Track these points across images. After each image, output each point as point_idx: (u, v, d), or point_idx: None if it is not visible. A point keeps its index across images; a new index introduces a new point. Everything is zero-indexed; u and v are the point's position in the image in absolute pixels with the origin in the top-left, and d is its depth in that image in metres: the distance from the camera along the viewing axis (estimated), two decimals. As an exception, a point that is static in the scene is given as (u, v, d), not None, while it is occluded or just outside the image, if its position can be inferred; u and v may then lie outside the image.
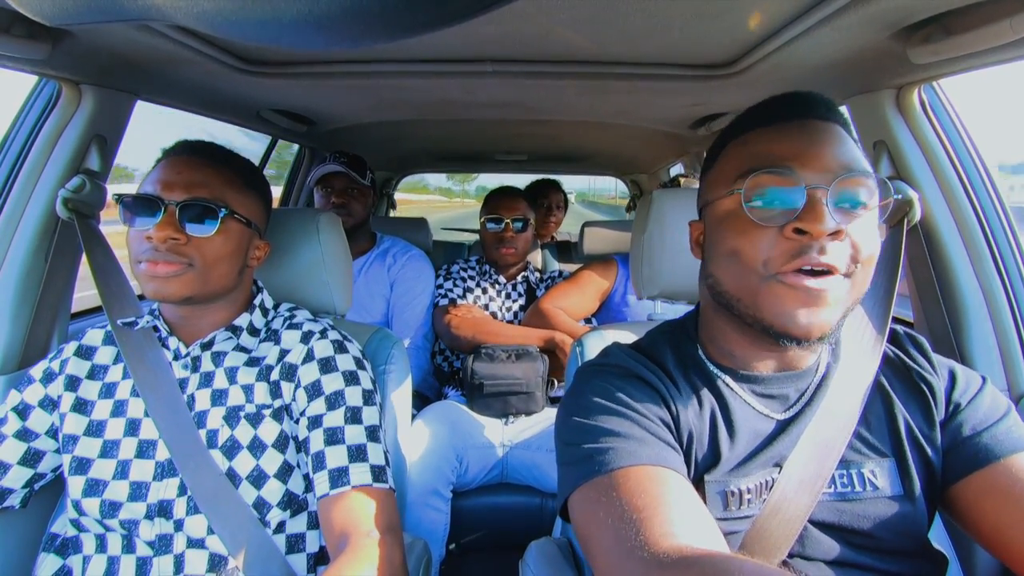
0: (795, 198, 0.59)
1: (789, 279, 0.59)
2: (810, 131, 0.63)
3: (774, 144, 0.63)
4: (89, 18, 0.31)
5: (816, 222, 0.58)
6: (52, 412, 0.88)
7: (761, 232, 0.61)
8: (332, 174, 1.87)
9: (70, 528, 0.86)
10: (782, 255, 0.60)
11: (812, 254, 0.58)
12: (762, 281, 0.61)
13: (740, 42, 0.96)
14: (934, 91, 1.06)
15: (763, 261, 0.61)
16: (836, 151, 0.61)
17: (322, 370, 0.88)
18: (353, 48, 0.25)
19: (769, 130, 0.65)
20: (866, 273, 0.62)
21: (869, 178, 0.61)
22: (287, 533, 0.86)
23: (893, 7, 0.75)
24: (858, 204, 0.60)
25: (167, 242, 0.80)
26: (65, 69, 0.96)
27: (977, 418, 0.66)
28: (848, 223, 0.59)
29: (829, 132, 0.63)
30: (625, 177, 3.42)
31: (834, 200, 0.58)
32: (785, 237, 0.59)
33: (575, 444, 0.63)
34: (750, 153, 0.65)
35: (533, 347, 1.76)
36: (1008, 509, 0.61)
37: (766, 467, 0.66)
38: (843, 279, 0.60)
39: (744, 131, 0.67)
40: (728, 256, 0.64)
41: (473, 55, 1.08)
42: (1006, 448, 0.63)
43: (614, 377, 0.69)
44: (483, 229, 2.02)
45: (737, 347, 0.70)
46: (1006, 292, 1.03)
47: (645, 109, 1.51)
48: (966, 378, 0.70)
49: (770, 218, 0.60)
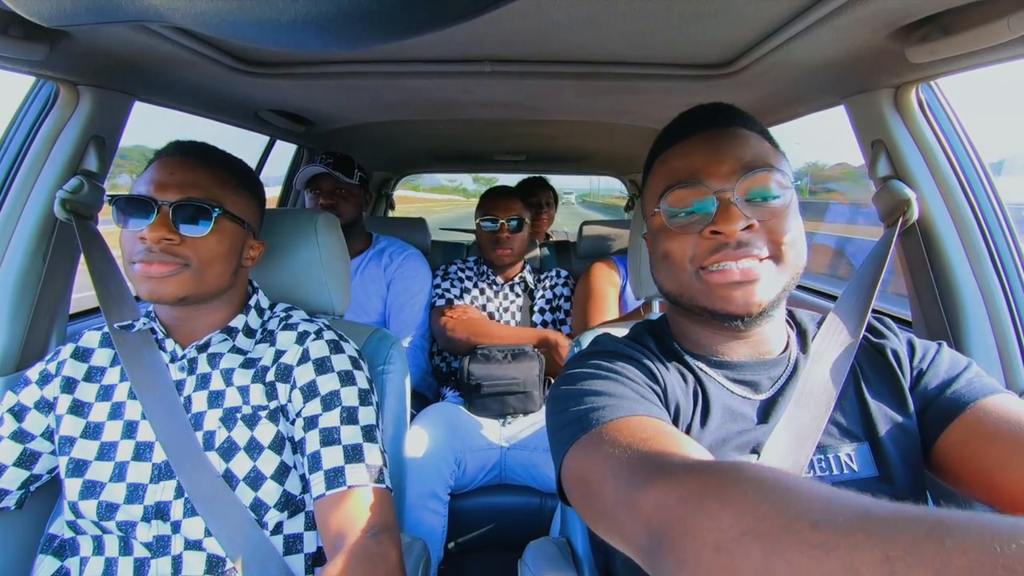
0: (707, 205, 0.67)
1: (715, 274, 0.67)
2: (713, 140, 0.70)
3: (684, 159, 0.71)
4: (86, 19, 0.31)
5: (728, 223, 0.65)
6: (48, 414, 0.88)
7: (686, 236, 0.69)
8: (319, 175, 1.87)
9: (67, 530, 0.85)
10: (703, 252, 0.67)
11: (729, 250, 0.65)
12: (691, 276, 0.69)
13: (738, 42, 0.97)
14: (932, 90, 1.06)
15: (689, 259, 0.69)
16: (739, 152, 0.68)
17: (317, 370, 0.88)
18: (351, 49, 0.25)
19: (681, 146, 0.72)
20: (793, 252, 0.68)
21: (773, 171, 0.67)
22: (284, 534, 0.85)
23: (891, 7, 0.75)
24: (768, 196, 0.67)
25: (161, 243, 0.80)
26: (63, 70, 0.96)
27: (940, 376, 0.71)
28: (761, 215, 0.66)
29: (731, 137, 0.70)
30: (624, 177, 3.43)
31: (743, 198, 0.66)
32: (704, 238, 0.67)
33: (564, 410, 0.64)
34: (667, 170, 0.72)
35: (529, 347, 1.76)
36: (990, 451, 0.63)
37: (743, 452, 0.69)
38: (769, 263, 0.67)
39: (662, 149, 0.75)
40: (662, 260, 0.73)
41: (471, 55, 1.08)
42: (972, 395, 0.67)
43: (603, 358, 0.72)
44: (479, 230, 2.02)
45: (703, 337, 0.75)
46: (1004, 291, 1.03)
47: (644, 109, 1.51)
48: (923, 345, 0.76)
49: (690, 225, 0.68)
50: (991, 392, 0.67)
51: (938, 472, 0.70)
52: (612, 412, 0.60)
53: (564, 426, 0.63)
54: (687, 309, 0.73)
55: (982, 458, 0.63)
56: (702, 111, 0.74)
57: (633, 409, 0.60)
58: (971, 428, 0.65)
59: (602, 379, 0.67)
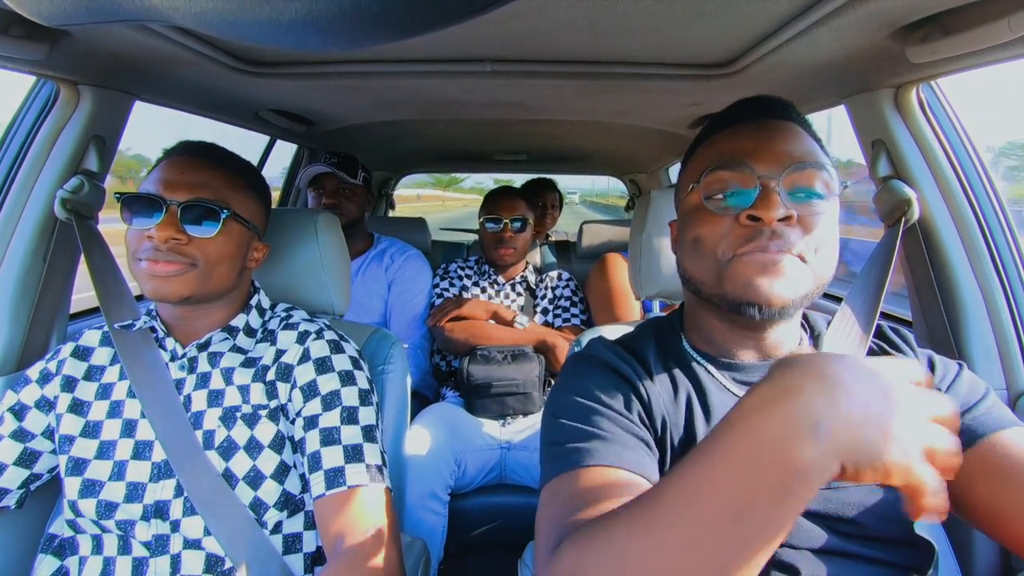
0: (750, 189, 0.65)
1: (745, 258, 0.64)
2: (765, 129, 0.68)
3: (732, 143, 0.69)
4: (87, 18, 0.31)
5: (767, 209, 0.63)
6: (48, 413, 0.88)
7: (720, 220, 0.66)
8: (322, 175, 1.87)
9: (67, 529, 0.85)
10: (737, 239, 0.65)
11: (763, 240, 0.63)
12: (721, 264, 0.66)
13: (738, 42, 0.97)
14: (932, 90, 1.06)
15: (722, 246, 0.66)
16: (789, 146, 0.66)
17: (318, 370, 0.88)
18: (352, 49, 0.25)
19: (729, 131, 0.71)
20: (824, 262, 0.66)
21: (822, 170, 0.65)
22: (284, 533, 0.85)
23: (891, 6, 0.75)
24: (812, 195, 0.65)
25: (168, 242, 0.80)
26: (63, 70, 0.96)
27: (957, 402, 0.68)
28: (801, 211, 0.64)
29: (783, 129, 0.68)
30: (624, 177, 3.43)
31: (787, 190, 0.64)
32: (740, 224, 0.65)
33: (550, 443, 0.67)
34: (712, 153, 0.71)
35: (528, 348, 1.76)
36: (999, 487, 0.62)
37: None
38: (799, 261, 0.64)
39: (711, 134, 0.74)
40: (691, 244, 0.70)
41: (472, 55, 1.08)
42: (988, 427, 0.65)
43: (592, 373, 0.72)
44: (482, 229, 2.02)
45: (717, 333, 0.73)
46: (1004, 291, 1.03)
47: (643, 109, 1.51)
48: (944, 365, 0.73)
49: (727, 208, 0.66)
50: (1006, 426, 0.65)
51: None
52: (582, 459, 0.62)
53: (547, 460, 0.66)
54: (707, 299, 0.71)
55: (991, 494, 0.62)
56: (758, 101, 0.73)
57: (602, 457, 0.61)
58: (981, 463, 0.63)
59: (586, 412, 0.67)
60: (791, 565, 0.63)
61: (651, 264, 1.14)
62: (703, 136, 0.75)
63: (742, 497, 0.43)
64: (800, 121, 0.71)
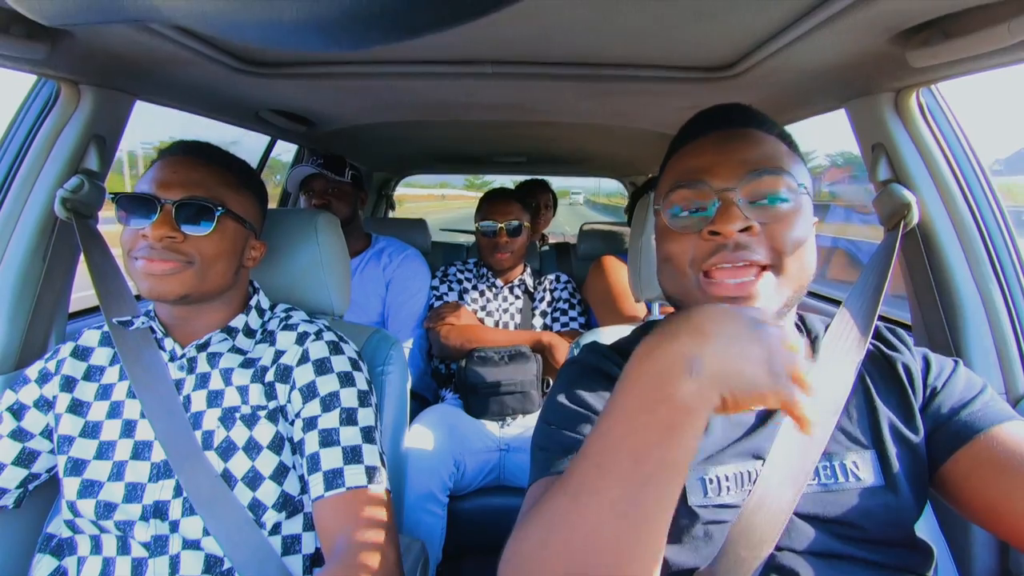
0: (709, 206, 0.65)
1: (715, 279, 0.65)
2: (723, 140, 0.69)
3: (692, 159, 0.70)
4: (88, 18, 0.31)
5: (725, 223, 0.63)
6: (47, 412, 0.88)
7: (685, 238, 0.68)
8: (311, 176, 1.87)
9: (65, 529, 0.85)
10: (702, 254, 0.66)
11: (727, 252, 0.64)
12: (692, 282, 0.68)
13: (739, 45, 0.97)
14: (932, 94, 1.06)
15: (688, 262, 0.68)
16: (747, 154, 0.67)
17: (317, 371, 0.88)
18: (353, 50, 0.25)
19: (692, 145, 0.72)
20: (798, 263, 0.66)
21: (780, 174, 0.66)
22: (283, 534, 0.85)
23: (892, 11, 0.75)
24: (776, 199, 0.65)
25: (163, 240, 0.80)
26: (64, 69, 0.96)
27: (954, 398, 0.69)
28: (765, 217, 0.64)
29: (743, 138, 0.69)
30: (624, 179, 3.43)
31: (747, 199, 0.64)
32: (703, 239, 0.66)
33: (537, 447, 0.69)
34: (675, 171, 0.72)
35: (526, 347, 1.76)
36: (996, 481, 0.62)
37: (744, 458, 0.68)
38: (768, 273, 0.65)
39: (675, 150, 0.75)
40: (664, 262, 0.72)
41: (473, 57, 1.08)
42: (985, 421, 0.66)
43: (583, 378, 0.73)
44: (478, 233, 2.02)
45: None
46: (1004, 295, 1.03)
47: (644, 111, 1.51)
48: (939, 363, 0.74)
49: (689, 226, 0.67)
50: (1004, 419, 0.66)
51: (942, 493, 0.69)
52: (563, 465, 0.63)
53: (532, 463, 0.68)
54: None
55: (988, 487, 0.63)
56: (718, 111, 0.73)
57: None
58: (979, 456, 0.64)
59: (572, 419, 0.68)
60: (790, 568, 0.63)
61: (650, 267, 1.14)
62: (670, 152, 0.77)
63: (639, 436, 0.48)
64: (762, 125, 0.71)
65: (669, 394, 0.48)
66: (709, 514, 0.65)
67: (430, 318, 1.89)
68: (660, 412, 0.48)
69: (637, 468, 0.48)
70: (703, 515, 0.64)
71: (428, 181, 5.91)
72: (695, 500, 0.65)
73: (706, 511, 0.65)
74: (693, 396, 0.47)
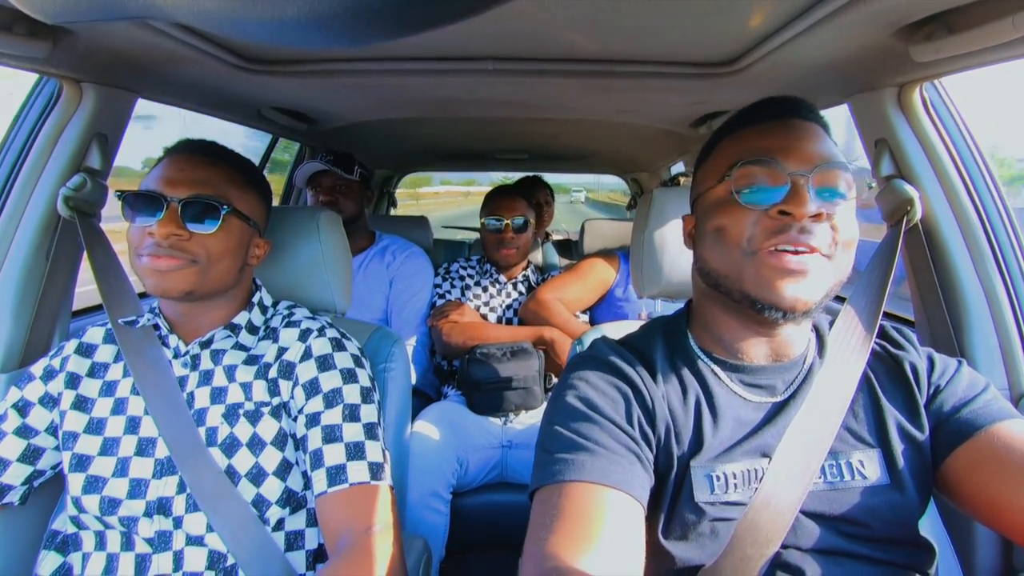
0: (780, 184, 0.65)
1: (771, 257, 0.64)
2: (794, 128, 0.69)
3: (762, 139, 0.69)
4: (90, 16, 0.31)
5: (799, 205, 0.63)
6: (52, 409, 0.88)
7: (747, 212, 0.66)
8: (319, 173, 1.87)
9: (70, 525, 0.86)
10: (764, 232, 0.65)
11: (792, 233, 0.63)
12: (745, 257, 0.66)
13: (741, 40, 0.96)
14: (936, 89, 1.05)
15: (747, 238, 0.66)
16: (817, 146, 0.67)
17: (320, 368, 0.88)
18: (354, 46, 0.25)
19: (758, 127, 0.71)
20: (847, 256, 0.67)
21: (847, 171, 0.67)
22: (286, 530, 0.86)
23: (895, 5, 0.75)
24: (837, 194, 0.66)
25: (169, 238, 0.81)
26: (66, 67, 0.96)
27: (957, 395, 0.70)
28: (830, 210, 0.64)
29: (811, 130, 0.69)
30: (626, 175, 3.42)
31: (815, 188, 0.64)
32: (769, 217, 0.65)
33: (542, 448, 0.68)
34: (741, 148, 0.70)
35: (528, 344, 1.77)
36: (998, 477, 0.63)
37: (752, 456, 0.68)
38: (824, 259, 0.65)
39: (735, 129, 0.74)
40: (714, 234, 0.69)
41: (474, 53, 1.08)
42: (987, 418, 0.66)
43: (592, 376, 0.72)
44: (483, 229, 2.02)
45: (727, 331, 0.73)
46: (1007, 291, 1.02)
47: (646, 107, 1.51)
48: (943, 362, 0.74)
49: (757, 202, 0.66)
50: (1005, 417, 0.66)
51: (944, 491, 0.69)
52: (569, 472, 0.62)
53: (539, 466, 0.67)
54: (726, 294, 0.70)
55: (989, 484, 0.63)
56: (786, 100, 0.73)
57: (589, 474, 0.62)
58: (981, 452, 0.65)
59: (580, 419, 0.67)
60: (795, 566, 0.64)
61: (653, 262, 1.14)
62: (726, 131, 0.75)
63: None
64: (823, 124, 0.72)
65: None
66: (715, 511, 0.65)
67: (433, 316, 1.89)
68: None
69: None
70: (710, 512, 0.64)
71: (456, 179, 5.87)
72: (702, 497, 0.65)
73: (713, 508, 0.65)
74: None
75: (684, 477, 0.66)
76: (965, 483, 0.66)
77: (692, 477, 0.66)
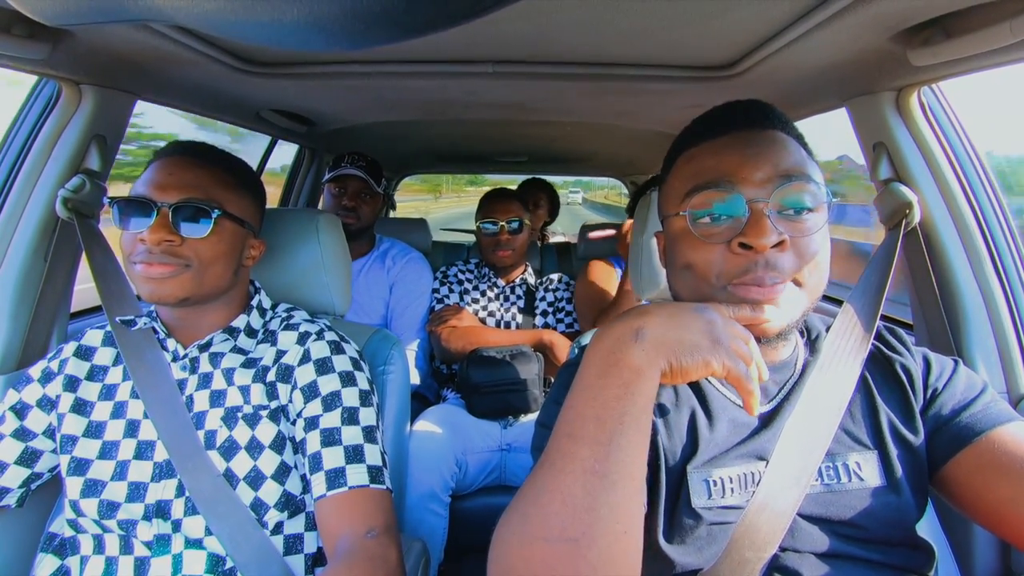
0: (738, 213, 0.63)
1: (739, 289, 0.63)
2: (749, 143, 0.66)
3: (715, 159, 0.66)
4: (89, 18, 0.31)
5: (759, 236, 0.61)
6: (50, 412, 0.88)
7: (711, 247, 0.65)
8: (350, 176, 1.87)
9: (68, 528, 0.85)
10: (732, 269, 0.63)
11: (758, 271, 0.62)
12: (715, 291, 0.65)
13: (740, 44, 0.97)
14: (934, 93, 1.06)
15: (715, 274, 0.65)
16: (774, 160, 0.64)
17: (318, 371, 0.88)
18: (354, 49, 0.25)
19: (711, 144, 0.68)
20: (818, 279, 0.66)
21: (809, 182, 0.63)
22: (285, 534, 0.85)
23: (893, 10, 0.75)
24: (802, 208, 0.63)
25: (161, 244, 0.80)
26: (65, 69, 0.96)
27: (955, 399, 0.69)
28: (792, 230, 0.62)
29: (767, 141, 0.66)
30: (625, 178, 3.43)
31: (776, 210, 0.62)
32: (732, 252, 0.63)
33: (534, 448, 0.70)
34: (696, 169, 0.68)
35: (527, 347, 1.77)
36: (998, 483, 0.62)
37: (748, 459, 0.67)
38: (793, 286, 0.64)
39: (689, 145, 0.71)
40: (683, 270, 0.68)
41: (474, 56, 1.08)
42: (986, 423, 0.66)
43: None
44: (479, 232, 2.02)
45: None
46: (1005, 294, 1.03)
47: (645, 111, 1.51)
48: (940, 363, 0.73)
49: (716, 234, 0.64)
50: (1005, 421, 0.65)
51: (944, 494, 0.69)
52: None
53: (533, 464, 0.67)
54: None
55: (990, 490, 0.63)
56: (738, 108, 0.70)
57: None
58: (980, 458, 0.64)
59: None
60: (793, 569, 0.63)
61: (652, 265, 1.14)
62: (679, 147, 0.72)
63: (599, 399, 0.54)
64: (784, 127, 0.68)
65: (619, 359, 0.55)
66: (713, 515, 0.64)
67: (432, 321, 1.89)
68: (614, 374, 0.55)
69: (602, 428, 0.53)
70: (707, 516, 0.64)
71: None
72: (699, 502, 0.65)
73: (710, 512, 0.64)
74: (640, 358, 0.55)
75: (681, 482, 0.66)
76: (966, 487, 0.65)
77: (689, 482, 0.66)
